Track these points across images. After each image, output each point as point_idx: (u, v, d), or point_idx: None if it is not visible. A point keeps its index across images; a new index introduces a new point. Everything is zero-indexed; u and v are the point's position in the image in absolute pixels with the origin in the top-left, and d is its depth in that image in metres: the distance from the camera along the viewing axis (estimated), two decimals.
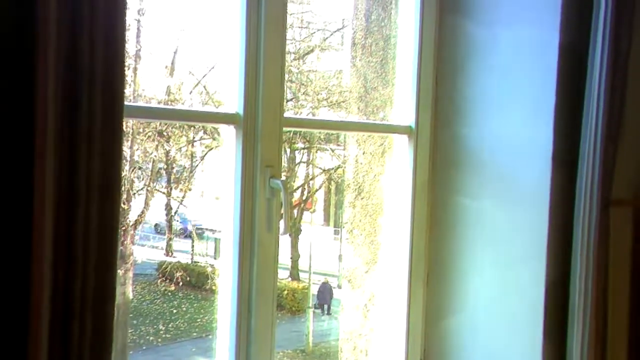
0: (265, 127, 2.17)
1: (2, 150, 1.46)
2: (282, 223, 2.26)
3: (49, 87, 1.40)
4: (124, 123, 1.56)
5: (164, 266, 8.84)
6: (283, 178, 2.21)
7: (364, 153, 3.19)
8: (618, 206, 2.42)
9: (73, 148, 1.47)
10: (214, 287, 8.57)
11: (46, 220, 1.42)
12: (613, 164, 2.38)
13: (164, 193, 8.95)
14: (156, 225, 9.39)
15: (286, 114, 2.27)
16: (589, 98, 2.35)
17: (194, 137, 9.01)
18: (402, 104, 2.69)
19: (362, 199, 3.20)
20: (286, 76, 2.28)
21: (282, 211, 2.24)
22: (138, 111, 2.02)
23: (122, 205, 1.55)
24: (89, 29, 1.47)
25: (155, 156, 8.26)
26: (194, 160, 9.14)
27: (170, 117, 2.48)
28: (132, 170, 7.75)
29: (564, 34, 2.38)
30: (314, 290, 9.96)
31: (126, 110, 1.59)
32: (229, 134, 2.19)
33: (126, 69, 1.61)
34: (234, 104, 2.16)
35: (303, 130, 8.32)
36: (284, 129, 2.26)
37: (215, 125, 6.58)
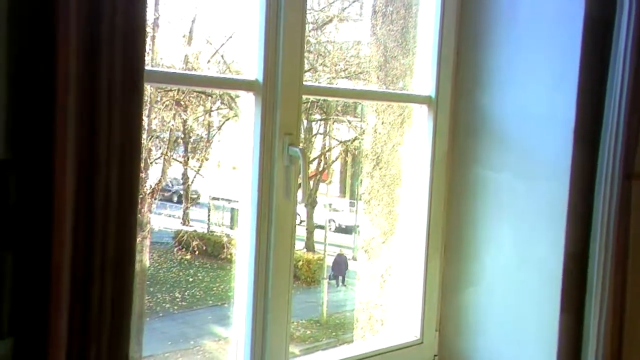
0: (284, 95, 2.15)
1: (25, 112, 1.46)
2: (300, 191, 2.25)
3: (70, 47, 1.40)
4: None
5: (180, 235, 8.88)
6: (301, 146, 2.20)
7: (382, 123, 3.17)
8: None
9: (94, 110, 1.47)
10: (229, 257, 8.61)
11: (67, 183, 1.42)
12: (636, 137, 2.35)
13: (180, 162, 8.97)
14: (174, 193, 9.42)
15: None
16: (613, 70, 2.31)
17: (211, 107, 9.00)
18: (423, 73, 2.66)
19: (380, 169, 3.18)
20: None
21: (301, 180, 2.23)
22: (158, 76, 2.01)
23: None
24: None
25: (173, 125, 8.26)
26: (211, 130, 9.14)
27: (189, 82, 2.47)
28: (150, 139, 7.76)
29: (589, 5, 2.34)
30: (328, 261, 9.99)
31: (146, 75, 1.58)
32: (247, 102, 2.17)
33: None
34: (253, 71, 2.15)
35: (320, 99, 8.28)
36: (302, 97, 2.24)
37: (235, 92, 6.56)
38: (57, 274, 1.42)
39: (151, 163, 7.98)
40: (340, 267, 9.96)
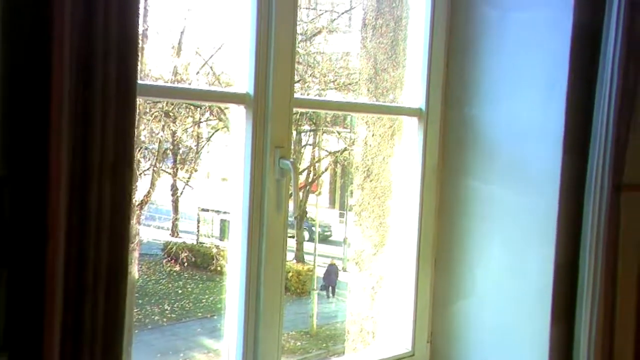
0: (275, 108, 2.16)
1: (19, 129, 1.46)
2: (291, 204, 2.25)
3: (64, 64, 1.40)
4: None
5: (169, 246, 8.86)
6: (292, 159, 2.20)
7: (373, 135, 3.18)
8: (629, 191, 2.41)
9: (87, 125, 1.47)
10: (219, 268, 8.59)
11: (61, 198, 1.41)
12: (625, 148, 2.36)
13: (169, 173, 8.96)
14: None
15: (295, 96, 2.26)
16: (602, 81, 2.33)
17: (200, 118, 8.99)
18: (413, 85, 2.68)
19: (370, 181, 3.19)
20: None
21: (292, 192, 2.23)
22: (148, 89, 2.01)
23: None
24: (103, 3, 1.47)
25: (162, 136, 8.25)
26: (200, 141, 9.13)
27: (180, 96, 2.48)
28: (139, 150, 7.75)
29: (578, 14, 2.36)
30: (318, 273, 9.98)
31: (138, 88, 1.58)
32: (238, 114, 2.17)
33: None
34: (244, 84, 2.15)
35: (310, 112, 8.30)
36: (293, 110, 2.24)
37: (225, 106, 6.55)
38: (51, 289, 1.41)
39: (140, 175, 7.97)
40: (331, 277, 9.96)
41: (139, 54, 1.51)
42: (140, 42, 1.57)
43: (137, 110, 1.59)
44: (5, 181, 1.47)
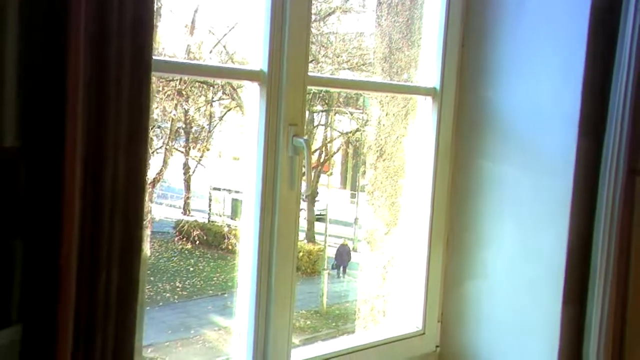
0: (289, 85, 2.15)
1: (35, 101, 1.47)
2: (303, 182, 2.25)
3: (80, 38, 1.40)
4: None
5: (181, 224, 8.90)
6: (306, 137, 2.20)
7: (386, 114, 3.17)
8: None
9: (103, 99, 1.47)
10: (230, 247, 8.63)
11: (76, 171, 1.42)
12: None
13: (182, 152, 8.97)
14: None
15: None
16: (619, 64, 2.31)
17: (212, 97, 8.98)
18: (427, 65, 2.66)
19: (384, 160, 3.18)
20: None
21: (304, 170, 2.23)
22: (163, 65, 2.00)
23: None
24: None
25: (174, 115, 8.25)
26: (213, 120, 9.13)
27: (195, 72, 2.47)
28: (152, 129, 7.75)
29: None
30: (329, 252, 10.00)
31: (152, 64, 1.57)
32: (252, 92, 2.17)
33: None
34: (258, 61, 2.14)
35: (323, 90, 8.27)
36: (307, 88, 2.23)
37: (238, 84, 6.53)
38: (66, 262, 1.42)
39: (152, 153, 7.99)
40: (342, 258, 9.99)
41: (154, 27, 1.50)
42: (154, 17, 1.56)
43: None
44: (21, 152, 1.47)
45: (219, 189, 9.64)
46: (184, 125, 8.71)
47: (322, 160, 10.06)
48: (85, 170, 1.46)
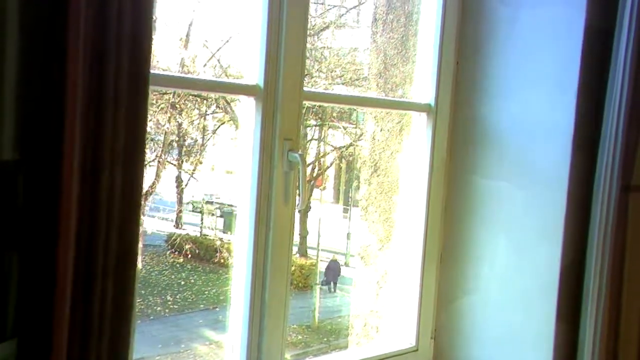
0: (285, 100, 2.15)
1: (33, 115, 1.47)
2: (298, 197, 2.25)
3: (79, 52, 1.40)
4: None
5: (173, 238, 8.88)
6: (301, 152, 2.20)
7: (381, 130, 3.18)
8: (638, 192, 2.41)
9: (100, 113, 1.47)
10: (222, 261, 8.61)
11: (73, 184, 1.41)
12: (635, 149, 2.36)
13: (175, 165, 8.96)
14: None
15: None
16: (613, 81, 2.32)
17: (206, 111, 8.99)
18: (422, 81, 2.67)
19: (378, 176, 3.18)
20: None
21: (299, 185, 2.23)
22: (160, 79, 2.00)
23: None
24: None
25: (168, 128, 8.25)
26: (206, 133, 9.13)
27: (191, 86, 2.47)
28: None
29: (590, 14, 2.35)
30: (321, 267, 9.99)
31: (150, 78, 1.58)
32: (248, 106, 2.17)
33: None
34: (254, 75, 2.15)
35: (316, 106, 8.29)
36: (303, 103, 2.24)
37: (232, 99, 6.53)
38: (62, 275, 1.42)
39: (145, 165, 7.99)
40: (332, 273, 9.97)
41: (152, 42, 1.51)
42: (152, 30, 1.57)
43: None
44: (19, 165, 1.47)
45: (211, 202, 9.63)
46: (177, 138, 8.71)
47: (315, 174, 10.06)
48: (82, 184, 1.45)
